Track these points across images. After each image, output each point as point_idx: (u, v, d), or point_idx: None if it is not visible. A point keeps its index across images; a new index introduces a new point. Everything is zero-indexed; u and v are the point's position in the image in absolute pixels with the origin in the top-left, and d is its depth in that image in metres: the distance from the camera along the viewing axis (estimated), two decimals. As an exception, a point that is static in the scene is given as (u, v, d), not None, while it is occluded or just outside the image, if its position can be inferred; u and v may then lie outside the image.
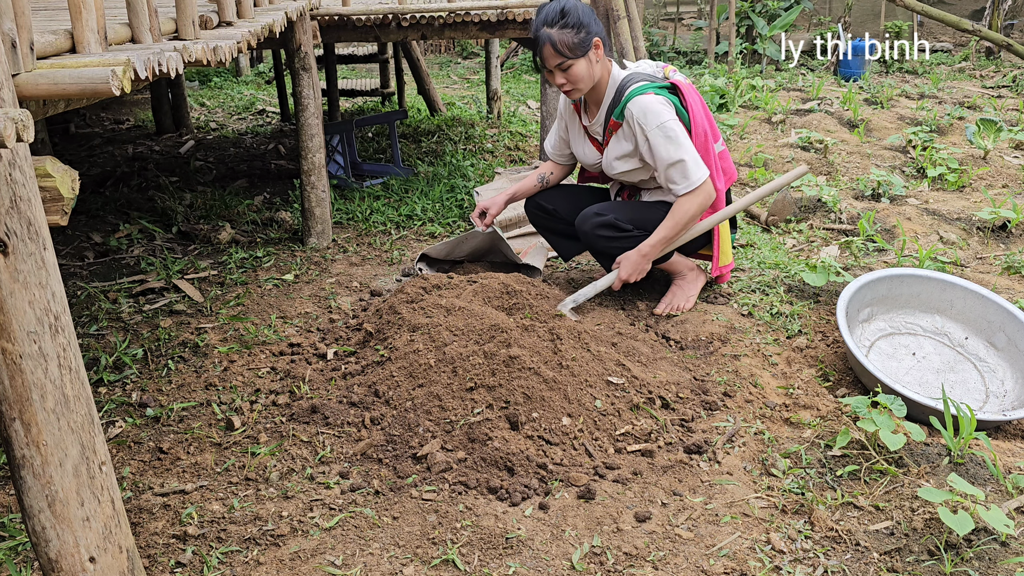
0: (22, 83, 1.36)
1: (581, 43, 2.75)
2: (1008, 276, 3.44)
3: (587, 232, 2.96)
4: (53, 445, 1.37)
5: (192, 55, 1.91)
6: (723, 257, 3.08)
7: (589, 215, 2.96)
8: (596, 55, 2.81)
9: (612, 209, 2.97)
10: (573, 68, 2.78)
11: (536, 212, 3.24)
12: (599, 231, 2.94)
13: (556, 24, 2.74)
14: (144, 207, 4.47)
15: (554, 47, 2.74)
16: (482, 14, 3.97)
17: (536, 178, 3.23)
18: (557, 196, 3.21)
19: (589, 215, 2.96)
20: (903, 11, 11.20)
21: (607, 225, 2.93)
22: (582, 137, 3.09)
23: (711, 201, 2.88)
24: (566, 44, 2.74)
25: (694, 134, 2.87)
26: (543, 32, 2.76)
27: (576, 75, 2.79)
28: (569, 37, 2.74)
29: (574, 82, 2.81)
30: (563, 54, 2.75)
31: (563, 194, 3.22)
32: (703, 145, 2.90)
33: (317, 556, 1.85)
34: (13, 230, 1.27)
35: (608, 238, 2.95)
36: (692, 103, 2.89)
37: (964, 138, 5.72)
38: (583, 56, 2.77)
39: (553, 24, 2.74)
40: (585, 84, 2.84)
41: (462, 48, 12.48)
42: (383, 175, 5.03)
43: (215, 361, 2.73)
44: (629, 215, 2.97)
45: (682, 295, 3.08)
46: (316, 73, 3.77)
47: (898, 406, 2.22)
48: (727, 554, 1.87)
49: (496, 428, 2.21)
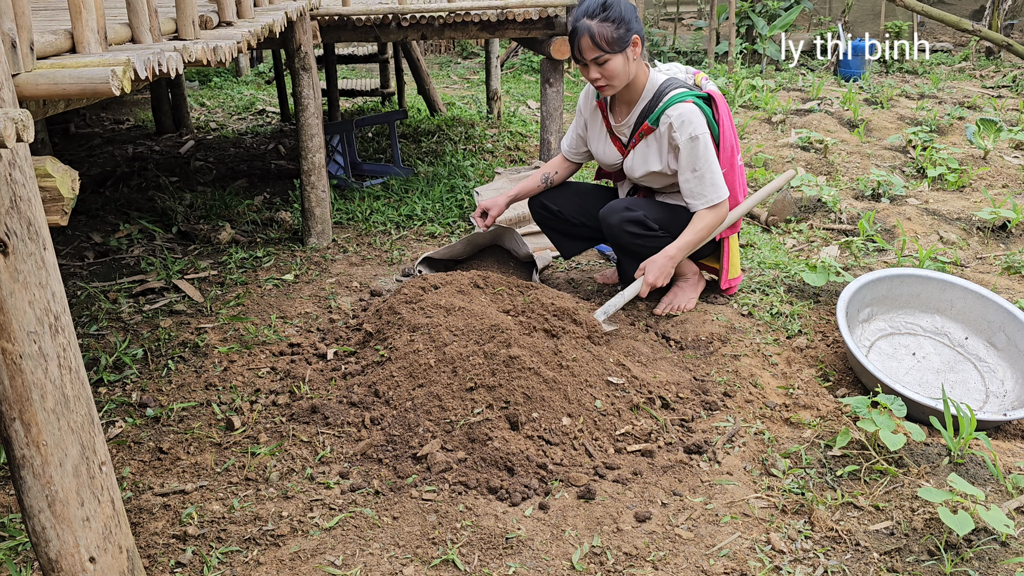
0: (22, 83, 1.36)
1: (620, 39, 2.66)
2: (1008, 276, 3.44)
3: (613, 226, 2.90)
4: (53, 445, 1.37)
5: (192, 55, 1.91)
6: (732, 270, 3.08)
7: (619, 208, 2.90)
8: (634, 52, 2.73)
9: (641, 206, 2.92)
10: (609, 63, 2.69)
11: (540, 211, 3.22)
12: (627, 227, 2.88)
13: (597, 16, 2.65)
14: (144, 207, 4.47)
15: (592, 39, 2.66)
16: (482, 14, 3.97)
17: (540, 178, 3.19)
18: (562, 195, 3.19)
19: (619, 208, 2.90)
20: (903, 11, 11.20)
21: (636, 222, 2.88)
22: (604, 136, 3.04)
23: (725, 220, 2.88)
24: (605, 38, 2.65)
25: (722, 148, 2.85)
26: (583, 23, 2.67)
27: (612, 71, 2.71)
28: (609, 31, 2.65)
29: (609, 78, 2.73)
30: (600, 47, 2.66)
31: (568, 193, 3.20)
32: (729, 160, 2.88)
33: (317, 556, 1.85)
34: (13, 230, 1.27)
35: (634, 235, 2.90)
36: (724, 116, 2.86)
37: (964, 138, 5.72)
38: (620, 52, 2.69)
39: (594, 16, 2.65)
40: (620, 81, 2.75)
41: (462, 48, 12.47)
42: (383, 175, 5.03)
43: (215, 361, 2.73)
44: (656, 215, 2.93)
45: (683, 296, 3.08)
46: (316, 73, 3.77)
47: (898, 406, 2.22)
48: (727, 554, 1.87)
49: (496, 428, 2.21)
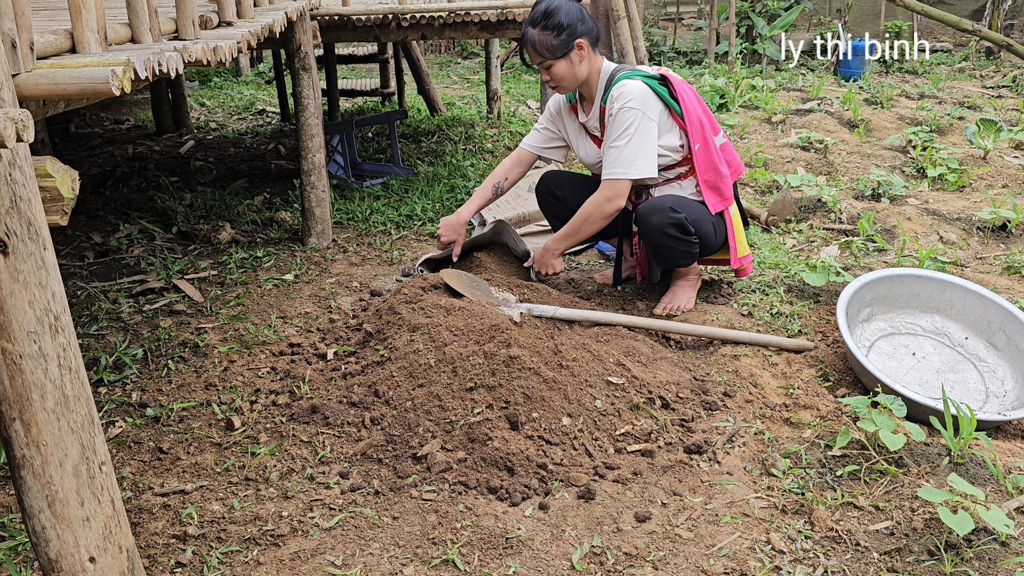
0: (22, 83, 1.36)
1: (562, 44, 2.78)
2: (1008, 276, 3.44)
3: (654, 226, 2.85)
4: (53, 445, 1.37)
5: (192, 55, 1.91)
6: (740, 248, 3.03)
7: (664, 208, 2.84)
8: (580, 56, 2.82)
9: (684, 207, 2.86)
10: (553, 68, 2.83)
11: (546, 196, 3.25)
12: (667, 228, 2.84)
13: (539, 24, 2.79)
14: (144, 207, 4.47)
15: (534, 47, 2.81)
16: (482, 14, 3.97)
17: (490, 188, 3.18)
18: (568, 183, 3.21)
19: (664, 208, 2.84)
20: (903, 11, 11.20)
21: (678, 225, 2.84)
22: (582, 136, 3.08)
23: (618, 205, 2.85)
24: (544, 45, 2.79)
25: (688, 122, 2.87)
26: (527, 31, 2.82)
27: (556, 74, 2.84)
28: (549, 39, 2.78)
29: (556, 80, 2.87)
30: (542, 55, 2.81)
31: (575, 182, 3.21)
32: (700, 133, 2.88)
33: (317, 556, 1.85)
34: (13, 230, 1.27)
35: (669, 236, 2.85)
36: (683, 93, 2.88)
37: (964, 138, 5.72)
38: (563, 57, 2.80)
39: (536, 24, 2.79)
40: (568, 83, 2.87)
41: (462, 48, 12.47)
42: (383, 175, 5.03)
43: (215, 361, 2.73)
44: (694, 216, 2.87)
45: (682, 295, 3.08)
46: (316, 73, 3.77)
47: (898, 406, 2.22)
48: (727, 554, 1.87)
49: (496, 428, 2.21)
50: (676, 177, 2.98)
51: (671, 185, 2.99)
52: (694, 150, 2.89)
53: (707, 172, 2.92)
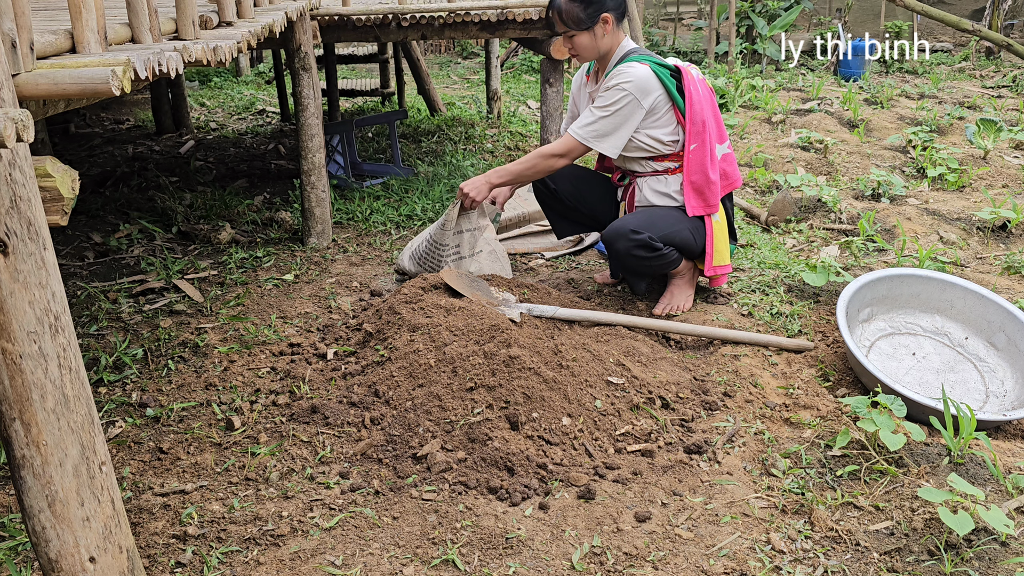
0: (22, 83, 1.36)
1: (588, 17, 2.84)
2: (1008, 276, 3.44)
3: (620, 251, 2.92)
4: (53, 445, 1.37)
5: (192, 55, 1.91)
6: (717, 256, 3.01)
7: (624, 233, 2.88)
8: (604, 30, 2.89)
9: (643, 224, 2.90)
10: (576, 39, 2.90)
11: (540, 187, 3.27)
12: (634, 251, 2.89)
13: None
14: (144, 207, 4.47)
15: (560, 17, 2.87)
16: (482, 14, 3.97)
17: None
18: (563, 177, 3.21)
19: (624, 233, 2.88)
20: (903, 11, 11.20)
21: (643, 246, 2.88)
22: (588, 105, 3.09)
23: (564, 163, 2.93)
24: (571, 16, 2.85)
25: (689, 120, 2.88)
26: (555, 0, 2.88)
27: (578, 45, 2.91)
28: (576, 10, 2.84)
29: (578, 50, 2.94)
30: (567, 24, 2.87)
31: (568, 175, 3.22)
32: (699, 135, 2.89)
33: (317, 556, 1.85)
34: (13, 230, 1.27)
35: (641, 258, 2.91)
36: (693, 91, 2.89)
37: (964, 138, 5.72)
38: (587, 30, 2.87)
39: None
40: (588, 54, 2.94)
41: (462, 48, 12.47)
42: (383, 175, 5.03)
43: (215, 361, 2.73)
44: (661, 229, 2.91)
45: (680, 295, 3.08)
46: (316, 73, 3.77)
47: (898, 406, 2.22)
48: (727, 554, 1.87)
49: (496, 428, 2.21)
50: (665, 171, 3.00)
51: (657, 178, 3.01)
52: (688, 149, 2.90)
53: (696, 174, 2.93)
